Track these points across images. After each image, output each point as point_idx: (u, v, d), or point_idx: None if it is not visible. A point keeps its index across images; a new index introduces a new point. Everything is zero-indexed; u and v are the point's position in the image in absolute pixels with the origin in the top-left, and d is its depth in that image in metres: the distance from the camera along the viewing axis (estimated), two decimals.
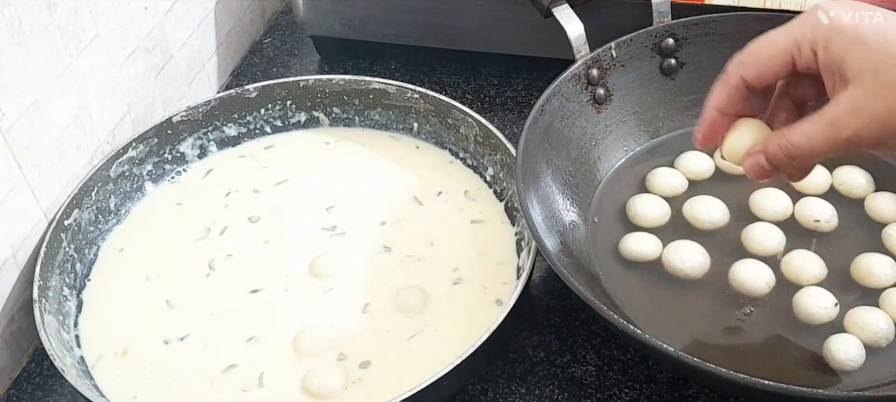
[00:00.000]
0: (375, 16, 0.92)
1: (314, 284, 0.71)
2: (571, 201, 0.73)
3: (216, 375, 0.66)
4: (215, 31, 0.94)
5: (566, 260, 0.66)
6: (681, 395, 0.65)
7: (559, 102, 0.75)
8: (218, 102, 0.82)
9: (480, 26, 0.90)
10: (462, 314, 0.68)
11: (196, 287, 0.72)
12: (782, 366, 0.63)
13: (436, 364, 0.59)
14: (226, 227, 0.76)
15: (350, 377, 0.65)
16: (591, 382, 0.66)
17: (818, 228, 0.71)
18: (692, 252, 0.69)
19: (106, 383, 0.66)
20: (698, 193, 0.74)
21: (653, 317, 0.66)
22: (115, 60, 0.78)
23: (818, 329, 0.64)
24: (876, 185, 0.74)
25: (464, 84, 0.93)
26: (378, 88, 0.82)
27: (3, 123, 0.66)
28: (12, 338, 0.70)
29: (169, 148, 0.81)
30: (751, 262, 0.68)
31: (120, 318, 0.70)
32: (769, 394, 0.56)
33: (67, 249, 0.71)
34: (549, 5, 0.77)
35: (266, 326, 0.68)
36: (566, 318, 0.71)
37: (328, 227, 0.76)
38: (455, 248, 0.73)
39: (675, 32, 0.78)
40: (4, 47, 0.65)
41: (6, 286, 0.68)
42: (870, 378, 0.62)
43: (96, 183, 0.75)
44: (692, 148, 0.77)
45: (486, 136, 0.77)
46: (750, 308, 0.66)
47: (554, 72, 0.75)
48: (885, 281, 0.66)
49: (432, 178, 0.79)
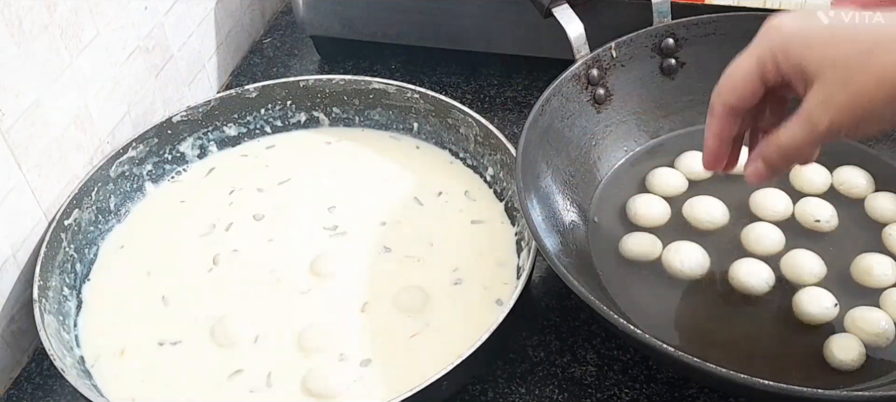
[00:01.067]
0: (375, 16, 0.92)
1: (315, 283, 0.71)
2: (571, 201, 0.73)
3: (216, 374, 0.66)
4: (215, 31, 0.94)
5: (566, 260, 0.66)
6: (681, 395, 0.65)
7: (559, 102, 0.75)
8: (218, 102, 0.82)
9: (480, 26, 0.90)
10: (462, 314, 0.68)
11: (198, 284, 0.72)
12: (782, 366, 0.63)
13: (436, 364, 0.59)
14: (229, 224, 0.76)
15: (350, 376, 0.65)
16: (591, 382, 0.66)
17: (818, 228, 0.71)
18: (691, 252, 0.69)
19: (105, 382, 0.66)
20: (699, 193, 0.74)
21: (653, 317, 0.66)
22: (115, 60, 0.78)
23: (818, 329, 0.65)
24: (876, 185, 0.74)
25: (464, 84, 0.93)
26: (378, 88, 0.82)
27: (3, 123, 0.66)
28: (12, 338, 0.70)
29: (169, 148, 0.81)
30: (750, 261, 0.68)
31: (120, 317, 0.70)
32: (769, 394, 0.56)
33: (67, 249, 0.71)
34: (549, 5, 0.77)
35: (266, 326, 0.68)
36: (566, 318, 0.71)
37: (329, 226, 0.76)
38: (455, 248, 0.73)
39: (675, 32, 0.78)
40: (4, 47, 0.65)
41: (6, 286, 0.69)
42: (870, 378, 0.62)
43: (96, 183, 0.75)
44: (692, 148, 0.77)
45: (486, 136, 0.77)
46: (750, 308, 0.67)
47: (554, 72, 0.76)
48: (885, 281, 0.66)
49: (432, 178, 0.79)
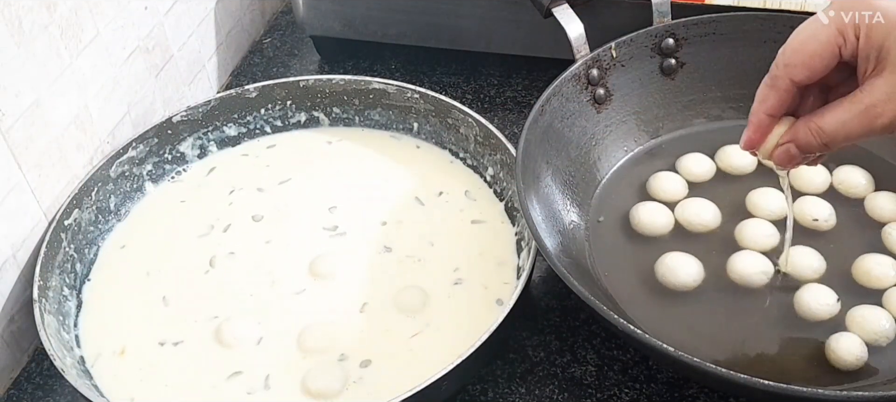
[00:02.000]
0: (375, 16, 0.92)
1: (314, 283, 0.71)
2: (571, 201, 0.73)
3: (216, 374, 0.66)
4: (215, 31, 0.94)
5: (566, 260, 0.66)
6: (681, 395, 0.65)
7: (559, 102, 0.75)
8: (218, 102, 0.82)
9: (480, 26, 0.90)
10: (462, 314, 0.68)
11: (198, 284, 0.72)
12: (782, 366, 0.63)
13: (436, 364, 0.59)
14: (230, 224, 0.76)
15: (350, 376, 0.65)
16: (591, 382, 0.66)
17: (817, 227, 0.71)
18: (682, 262, 0.68)
19: (105, 382, 0.66)
20: (699, 194, 0.74)
21: (653, 317, 0.66)
22: (115, 60, 0.78)
23: (819, 328, 0.65)
24: (875, 184, 0.74)
25: (464, 84, 0.93)
26: (378, 88, 0.82)
27: (3, 123, 0.66)
28: (12, 338, 0.70)
29: (169, 148, 0.81)
30: (748, 253, 0.68)
31: (120, 317, 0.70)
32: (769, 394, 0.56)
33: (67, 249, 0.71)
34: (549, 5, 0.77)
35: (266, 326, 0.68)
36: (566, 318, 0.71)
37: (329, 226, 0.76)
38: (455, 248, 0.73)
39: (675, 32, 0.78)
40: (4, 47, 0.65)
41: (6, 286, 0.68)
42: (871, 378, 0.62)
43: (96, 183, 0.75)
44: (692, 149, 0.77)
45: (486, 136, 0.77)
46: (750, 307, 0.67)
47: (554, 72, 0.76)
48: (886, 281, 0.66)
49: (433, 178, 0.79)
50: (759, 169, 0.75)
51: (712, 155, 0.77)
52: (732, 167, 0.76)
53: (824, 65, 0.51)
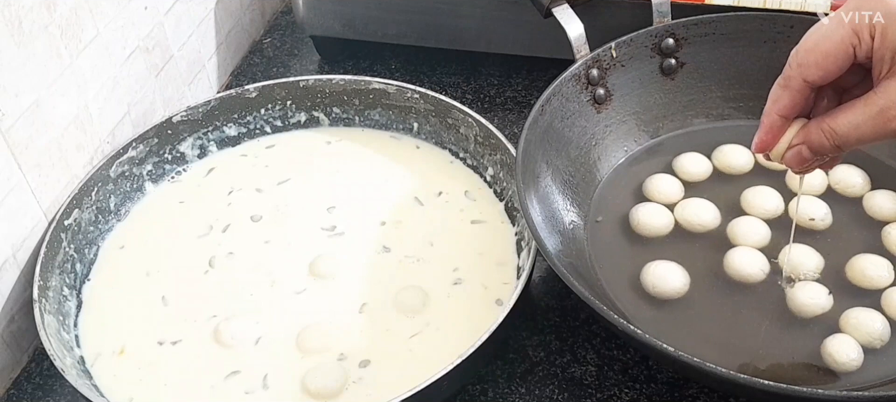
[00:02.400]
0: (375, 16, 0.92)
1: (314, 284, 0.71)
2: (571, 201, 0.73)
3: (215, 373, 0.66)
4: (215, 31, 0.94)
5: (566, 260, 0.66)
6: (681, 395, 0.65)
7: (559, 102, 0.75)
8: (218, 102, 0.82)
9: (480, 26, 0.90)
10: (462, 314, 0.68)
11: (198, 284, 0.72)
12: (782, 366, 0.63)
13: (436, 364, 0.59)
14: (228, 224, 0.76)
15: (350, 376, 0.65)
16: (591, 382, 0.66)
17: (813, 226, 0.71)
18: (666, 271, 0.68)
19: (105, 382, 0.66)
20: (696, 194, 0.74)
21: (653, 317, 0.66)
22: (115, 60, 0.78)
23: (815, 326, 0.65)
24: (872, 184, 0.74)
25: (464, 84, 0.93)
26: (378, 88, 0.82)
27: (3, 123, 0.66)
28: (12, 338, 0.70)
29: (169, 148, 0.81)
30: (745, 250, 0.68)
31: (120, 317, 0.70)
32: (769, 394, 0.56)
33: (67, 249, 0.71)
34: (549, 5, 0.77)
35: (265, 326, 0.68)
36: (566, 318, 0.71)
37: (328, 227, 0.76)
38: (455, 248, 0.73)
39: (675, 32, 0.78)
40: (4, 47, 0.65)
41: (6, 286, 0.69)
42: (868, 379, 0.62)
43: (96, 183, 0.75)
44: (691, 149, 0.77)
45: (486, 136, 0.77)
46: (749, 307, 0.67)
47: (554, 72, 0.76)
48: (880, 283, 0.67)
49: (432, 178, 0.79)
50: (755, 168, 0.75)
51: (709, 155, 0.77)
52: (729, 166, 0.76)
53: (838, 65, 0.50)
